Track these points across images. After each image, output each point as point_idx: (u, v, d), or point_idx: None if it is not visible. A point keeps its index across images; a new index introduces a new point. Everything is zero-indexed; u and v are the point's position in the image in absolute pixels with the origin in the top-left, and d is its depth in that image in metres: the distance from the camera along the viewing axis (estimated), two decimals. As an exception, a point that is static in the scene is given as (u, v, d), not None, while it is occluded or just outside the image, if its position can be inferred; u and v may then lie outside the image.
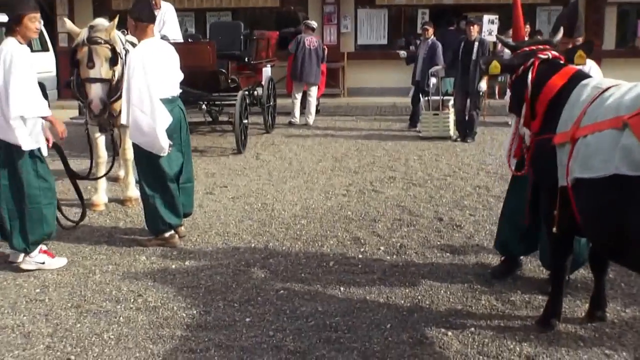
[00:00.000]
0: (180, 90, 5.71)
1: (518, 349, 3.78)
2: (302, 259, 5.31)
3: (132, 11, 5.56)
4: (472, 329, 4.04)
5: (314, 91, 12.43)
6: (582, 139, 3.33)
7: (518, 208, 4.50)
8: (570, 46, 4.35)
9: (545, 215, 3.87)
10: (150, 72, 5.28)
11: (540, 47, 4.03)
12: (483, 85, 10.48)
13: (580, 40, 4.50)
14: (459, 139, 10.54)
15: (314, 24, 12.82)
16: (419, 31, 15.64)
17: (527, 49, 4.05)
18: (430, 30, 11.58)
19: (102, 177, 6.63)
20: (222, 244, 5.70)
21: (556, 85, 3.77)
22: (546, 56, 3.97)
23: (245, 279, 4.88)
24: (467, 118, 10.57)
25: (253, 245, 5.66)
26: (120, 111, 5.89)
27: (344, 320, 4.15)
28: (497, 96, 13.83)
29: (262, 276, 4.94)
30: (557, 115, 3.65)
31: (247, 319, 4.20)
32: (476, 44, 10.46)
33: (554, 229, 3.68)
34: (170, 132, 5.39)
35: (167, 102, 5.43)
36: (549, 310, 4.01)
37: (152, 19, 5.66)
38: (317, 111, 13.08)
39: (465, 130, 10.57)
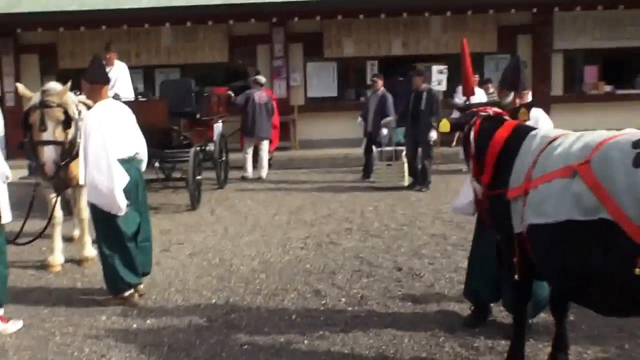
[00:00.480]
0: (137, 151, 5.80)
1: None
2: (264, 313, 5.39)
3: (87, 74, 5.73)
4: (440, 373, 4.18)
5: (265, 145, 12.64)
6: (534, 189, 3.52)
7: (486, 255, 4.70)
8: (517, 100, 4.66)
9: (506, 262, 4.04)
10: (107, 133, 5.41)
11: (486, 107, 4.37)
12: (433, 134, 10.85)
13: (525, 93, 4.78)
14: (417, 188, 10.83)
15: (262, 79, 13.11)
16: (369, 82, 16.23)
17: (473, 109, 4.37)
18: (380, 82, 11.98)
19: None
20: (182, 301, 5.75)
21: (502, 137, 4.02)
22: (487, 113, 4.28)
23: (209, 335, 4.93)
24: (420, 167, 10.92)
25: (214, 301, 5.73)
26: (74, 172, 5.98)
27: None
28: (454, 143, 14.16)
29: (225, 332, 5.01)
30: (507, 167, 3.85)
31: (213, 376, 4.26)
32: (424, 94, 10.90)
33: (515, 276, 3.84)
34: (127, 192, 5.48)
35: (124, 162, 5.54)
36: (512, 355, 4.15)
37: (107, 81, 5.88)
38: (270, 165, 13.27)
39: (419, 179, 10.90)
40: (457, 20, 16.07)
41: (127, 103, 6.50)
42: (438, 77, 12.80)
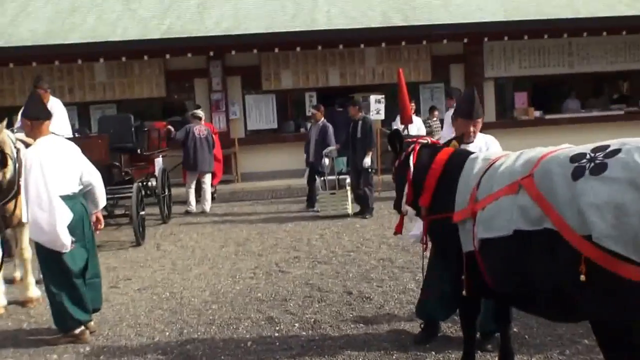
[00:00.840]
0: (82, 186, 5.80)
1: (439, 404, 4.11)
2: (219, 342, 5.47)
3: (27, 111, 5.70)
4: (394, 390, 4.34)
5: (208, 179, 12.70)
6: (483, 209, 3.67)
7: (439, 275, 4.89)
8: (470, 128, 4.90)
9: (454, 280, 4.18)
10: (48, 170, 5.40)
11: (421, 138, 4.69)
12: (367, 161, 11.16)
13: (479, 121, 4.97)
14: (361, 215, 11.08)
15: (200, 113, 13.22)
16: (308, 113, 16.52)
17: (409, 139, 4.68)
18: (320, 113, 12.23)
19: None
20: (135, 335, 5.76)
21: (441, 160, 4.25)
22: (426, 141, 4.58)
23: (165, 367, 4.98)
24: (361, 194, 11.21)
25: (167, 333, 5.76)
26: (14, 211, 5.94)
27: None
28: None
29: (181, 362, 5.06)
30: (447, 190, 4.05)
31: (173, 405, 4.31)
32: (360, 122, 11.26)
33: (464, 292, 3.98)
34: (72, 228, 5.48)
35: (68, 198, 5.53)
36: None
37: (48, 116, 5.84)
38: (214, 198, 13.33)
39: (362, 206, 11.18)
40: (391, 51, 16.56)
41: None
42: (376, 107, 13.17)
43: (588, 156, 3.06)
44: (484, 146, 4.95)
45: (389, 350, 5.06)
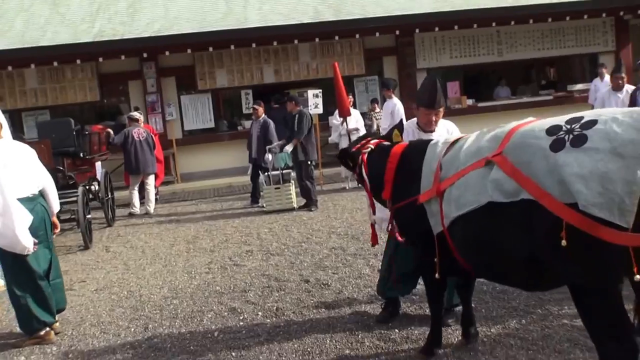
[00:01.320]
0: (41, 188, 5.83)
1: (408, 374, 4.39)
2: (186, 334, 5.60)
3: None
4: (365, 365, 4.59)
5: (151, 179, 12.69)
6: (449, 187, 3.79)
7: (397, 255, 5.26)
8: (432, 117, 5.05)
9: (424, 264, 4.37)
10: (3, 173, 5.41)
11: (364, 142, 4.88)
12: (287, 147, 11.47)
13: (441, 110, 5.10)
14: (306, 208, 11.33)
15: (137, 115, 13.18)
16: (245, 111, 16.67)
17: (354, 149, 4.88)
18: (260, 110, 12.40)
19: None
20: (100, 333, 5.84)
21: (396, 153, 4.44)
22: (368, 149, 4.76)
23: (136, 361, 5.10)
24: (304, 188, 11.45)
25: (132, 329, 5.86)
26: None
27: (245, 379, 4.54)
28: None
29: (152, 355, 5.18)
30: (411, 178, 4.18)
31: (151, 394, 4.45)
32: (296, 116, 11.52)
33: (437, 275, 4.14)
34: (35, 230, 5.53)
35: (27, 200, 5.56)
36: (431, 339, 4.61)
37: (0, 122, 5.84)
38: (157, 199, 13.33)
39: (306, 199, 11.43)
40: (325, 45, 16.86)
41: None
42: (314, 101, 13.40)
43: (564, 128, 3.16)
44: (446, 133, 5.16)
45: (353, 330, 5.29)
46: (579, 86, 18.05)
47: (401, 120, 6.35)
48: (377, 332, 5.21)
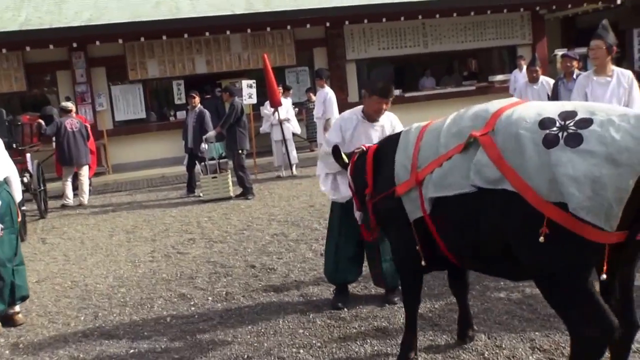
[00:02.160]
0: (5, 175, 5.70)
1: (362, 349, 4.51)
2: (138, 321, 5.58)
3: None
4: (319, 344, 4.69)
5: (85, 170, 12.41)
6: (431, 172, 3.62)
7: (345, 241, 5.41)
8: (384, 106, 5.08)
9: (404, 255, 4.13)
10: None
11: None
12: (210, 134, 11.56)
13: (391, 101, 5.13)
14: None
15: (69, 105, 12.87)
16: (176, 102, 16.51)
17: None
18: (197, 99, 12.28)
19: None
20: (48, 322, 5.74)
21: (372, 150, 4.35)
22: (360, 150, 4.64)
23: (90, 348, 5.04)
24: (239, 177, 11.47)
25: (82, 318, 5.79)
26: None
27: (204, 361, 4.58)
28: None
29: (105, 342, 5.14)
30: (387, 168, 4.03)
31: (110, 379, 4.43)
32: (229, 107, 11.59)
33: (422, 263, 3.92)
34: (1, 216, 5.47)
35: None
36: (406, 344, 4.27)
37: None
38: (90, 190, 13.05)
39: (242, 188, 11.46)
40: (256, 36, 16.82)
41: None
42: (248, 91, 13.39)
43: (558, 124, 3.08)
44: (390, 125, 5.28)
45: (304, 311, 5.40)
46: (500, 77, 18.62)
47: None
48: (327, 312, 5.33)
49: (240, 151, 11.52)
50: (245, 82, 13.58)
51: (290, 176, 13.31)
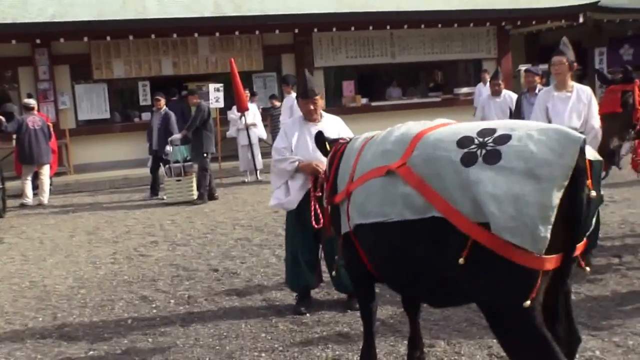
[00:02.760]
0: None
1: (324, 354, 4.55)
2: (99, 322, 5.54)
3: None
4: (280, 348, 4.72)
5: (46, 170, 12.25)
6: (355, 189, 3.55)
7: (301, 248, 5.48)
8: (310, 106, 5.32)
9: (347, 262, 4.05)
10: None
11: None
12: (175, 137, 11.58)
13: (317, 99, 5.36)
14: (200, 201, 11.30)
15: (31, 102, 12.72)
16: (142, 103, 16.38)
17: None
18: (162, 102, 12.23)
19: None
20: (4, 323, 5.65)
21: (335, 151, 4.20)
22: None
23: (48, 349, 4.99)
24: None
25: (40, 319, 5.72)
26: None
27: (165, 363, 4.58)
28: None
29: (65, 344, 5.09)
30: (337, 174, 3.95)
31: (69, 381, 4.40)
32: (195, 109, 11.57)
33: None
34: None
35: None
36: (365, 351, 4.17)
37: None
38: (50, 190, 12.87)
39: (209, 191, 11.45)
40: (224, 40, 16.80)
41: None
42: (215, 95, 13.43)
43: (476, 141, 2.94)
44: (333, 127, 5.33)
45: (267, 316, 5.42)
46: (464, 90, 18.89)
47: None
48: (289, 317, 5.35)
49: (205, 154, 11.50)
50: (212, 86, 13.60)
51: (255, 181, 13.31)
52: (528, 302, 2.74)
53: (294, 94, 13.50)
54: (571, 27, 19.49)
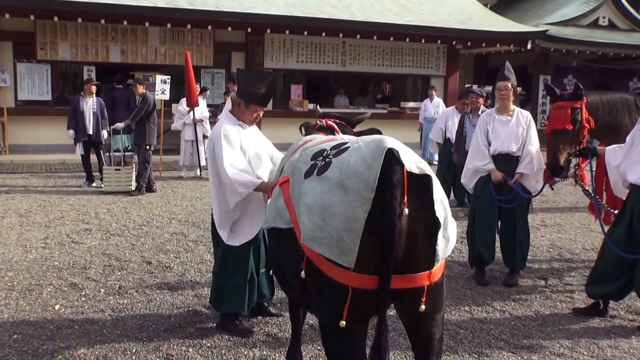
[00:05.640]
0: None
1: (251, 353, 4.65)
2: (25, 306, 5.51)
3: None
4: (209, 344, 4.79)
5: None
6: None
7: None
8: (260, 114, 4.86)
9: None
10: None
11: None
12: (118, 125, 11.57)
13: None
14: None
15: None
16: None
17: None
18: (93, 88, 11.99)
19: None
20: None
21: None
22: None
23: (-29, 329, 4.95)
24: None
25: (-35, 298, 5.65)
26: None
27: (91, 352, 4.59)
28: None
29: (-11, 324, 5.06)
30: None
31: (-9, 362, 4.39)
32: (141, 99, 11.48)
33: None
34: None
35: None
36: (291, 353, 4.29)
37: None
38: (-18, 169, 12.62)
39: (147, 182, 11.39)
40: (176, 32, 16.72)
41: None
42: (162, 87, 13.34)
43: (325, 153, 2.93)
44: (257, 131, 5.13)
45: (197, 311, 5.48)
46: (411, 104, 19.27)
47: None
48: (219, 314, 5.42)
49: (147, 146, 11.44)
50: (159, 77, 13.53)
51: (195, 177, 13.28)
52: (343, 322, 2.70)
53: (240, 92, 13.56)
54: (519, 52, 20.15)
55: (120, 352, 4.61)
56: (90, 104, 11.80)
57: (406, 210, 2.66)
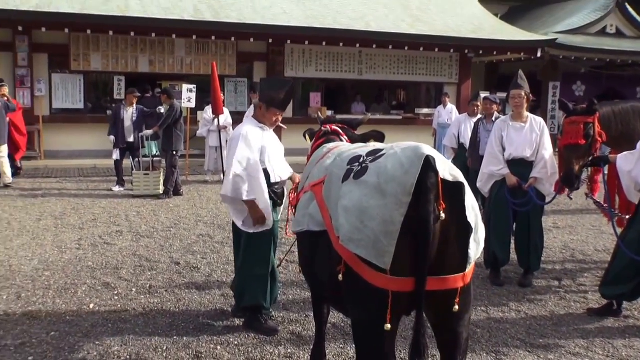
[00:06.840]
0: None
1: (276, 351, 4.60)
2: (61, 305, 5.51)
3: None
4: (236, 342, 4.76)
5: (4, 150, 11.91)
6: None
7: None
8: (280, 118, 4.99)
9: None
10: None
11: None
12: (147, 132, 11.55)
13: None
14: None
15: None
16: (115, 97, 16.21)
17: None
18: (133, 97, 12.08)
19: None
20: (-31, 299, 5.59)
21: (312, 146, 4.33)
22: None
23: (11, 327, 4.95)
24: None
25: (5, 297, 5.66)
26: None
27: (124, 349, 4.57)
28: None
29: (27, 322, 5.06)
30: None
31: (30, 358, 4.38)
32: (168, 107, 11.51)
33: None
34: None
35: None
36: (315, 351, 4.29)
37: None
38: (19, 173, 12.66)
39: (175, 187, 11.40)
40: (201, 44, 16.75)
41: None
42: (188, 95, 13.37)
43: (361, 159, 2.94)
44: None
45: (224, 311, 5.44)
46: (425, 110, 19.18)
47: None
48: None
49: (174, 152, 11.46)
50: (185, 86, 13.56)
51: (220, 181, 13.25)
52: (388, 326, 2.68)
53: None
54: (529, 60, 19.98)
55: (152, 349, 4.59)
56: (130, 113, 11.84)
57: (442, 215, 2.67)
